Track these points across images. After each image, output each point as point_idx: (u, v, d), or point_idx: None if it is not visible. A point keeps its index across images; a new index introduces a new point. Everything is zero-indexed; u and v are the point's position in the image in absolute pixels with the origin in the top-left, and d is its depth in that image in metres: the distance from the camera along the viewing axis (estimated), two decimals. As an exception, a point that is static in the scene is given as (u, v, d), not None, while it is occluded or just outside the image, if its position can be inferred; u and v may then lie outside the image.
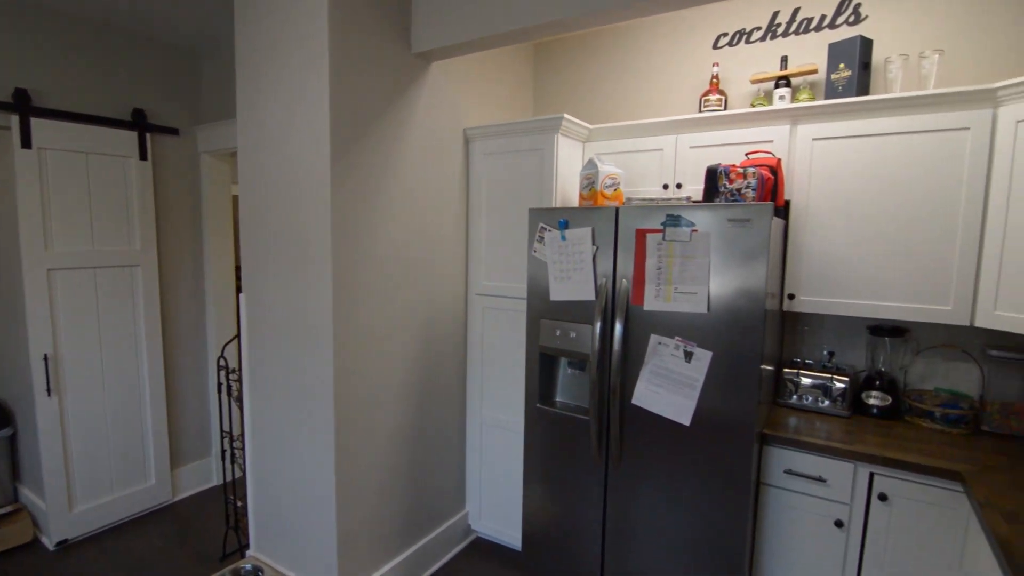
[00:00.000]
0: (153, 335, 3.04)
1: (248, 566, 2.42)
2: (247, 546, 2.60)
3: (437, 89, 2.46)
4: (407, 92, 2.29)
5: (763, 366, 1.92)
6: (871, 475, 1.88)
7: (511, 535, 2.75)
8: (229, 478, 3.45)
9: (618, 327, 2.02)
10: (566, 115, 2.35)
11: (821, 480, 1.95)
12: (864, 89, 2.17)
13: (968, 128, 1.90)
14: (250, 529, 2.52)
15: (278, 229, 2.19)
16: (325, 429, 2.13)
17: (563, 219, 2.12)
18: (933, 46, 2.16)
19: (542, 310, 2.24)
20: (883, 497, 1.86)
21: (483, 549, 2.83)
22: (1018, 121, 1.80)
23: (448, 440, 2.72)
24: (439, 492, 2.69)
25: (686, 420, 1.94)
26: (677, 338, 1.94)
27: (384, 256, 2.25)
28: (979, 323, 1.92)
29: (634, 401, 2.04)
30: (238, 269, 2.99)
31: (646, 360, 2.00)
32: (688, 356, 1.92)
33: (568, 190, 2.53)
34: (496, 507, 2.78)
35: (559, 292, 2.17)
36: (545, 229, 2.17)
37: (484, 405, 2.75)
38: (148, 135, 2.96)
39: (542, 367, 2.29)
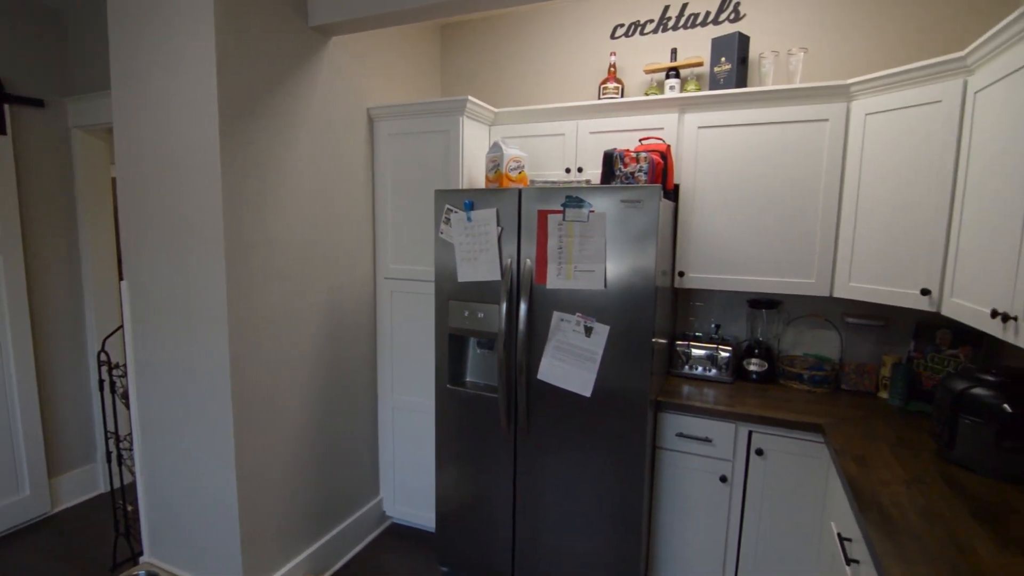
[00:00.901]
0: (21, 331, 2.74)
1: (142, 573, 2.27)
2: (141, 553, 2.44)
3: (338, 66, 2.38)
4: (305, 67, 2.21)
5: (656, 339, 2.07)
6: (750, 433, 2.08)
7: (426, 517, 2.77)
8: (117, 483, 3.19)
9: (523, 306, 2.08)
10: (471, 97, 2.36)
11: (708, 440, 2.13)
12: (742, 82, 2.36)
13: (827, 120, 2.13)
14: (143, 534, 2.36)
15: (162, 210, 2.05)
16: (223, 422, 2.03)
17: (468, 201, 2.14)
18: (799, 44, 2.39)
19: (450, 292, 2.26)
20: (760, 452, 2.07)
21: (398, 534, 2.84)
22: (867, 114, 2.04)
23: (359, 427, 2.69)
24: (351, 480, 2.65)
25: (587, 392, 2.05)
26: (578, 314, 2.03)
27: (284, 239, 2.17)
28: (837, 294, 2.17)
29: (539, 376, 2.12)
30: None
31: (550, 336, 2.08)
32: (588, 331, 2.02)
33: (474, 172, 2.55)
34: (411, 491, 2.79)
35: (466, 273, 2.20)
36: (451, 211, 2.19)
37: (396, 389, 2.73)
38: (6, 106, 2.64)
39: (452, 348, 2.32)
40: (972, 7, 2.15)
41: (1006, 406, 1.53)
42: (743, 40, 2.33)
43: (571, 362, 2.06)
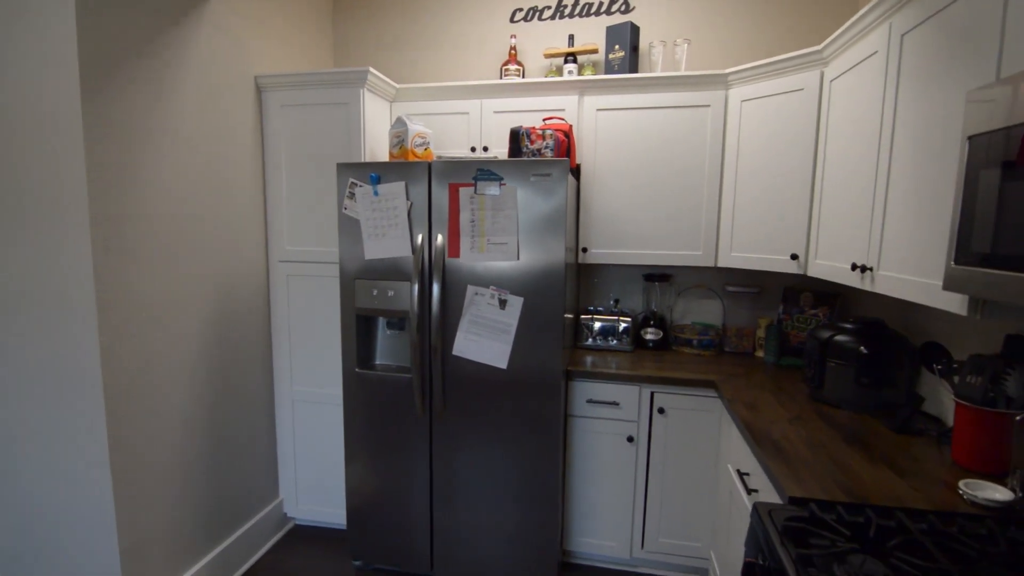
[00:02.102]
0: None
1: (-16, 614, 1.90)
2: (-20, 592, 2.04)
3: (222, 27, 2.17)
4: (183, 25, 1.98)
5: (566, 313, 2.14)
6: (652, 394, 2.23)
7: (335, 514, 2.62)
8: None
9: (436, 281, 2.05)
10: (372, 69, 2.27)
11: (615, 404, 2.25)
12: (634, 68, 2.52)
13: (709, 106, 2.34)
14: (-17, 568, 1.97)
15: (5, 178, 1.73)
16: (95, 423, 1.76)
17: (375, 174, 2.06)
18: (684, 36, 2.60)
19: (357, 270, 2.16)
20: (662, 411, 2.22)
21: (303, 536, 2.65)
22: (743, 101, 2.27)
23: (254, 424, 2.47)
24: (247, 482, 2.44)
25: (503, 363, 2.06)
26: (492, 287, 2.04)
27: (162, 213, 1.93)
28: (721, 263, 2.39)
29: (455, 352, 2.10)
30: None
31: (464, 311, 2.07)
32: (502, 303, 2.04)
33: (376, 149, 2.46)
34: (316, 489, 2.62)
35: (374, 250, 2.11)
36: (356, 185, 2.09)
37: (295, 380, 2.55)
38: None
39: (359, 330, 2.22)
40: (838, 1, 2.48)
41: (863, 348, 1.80)
42: (634, 30, 2.48)
43: (487, 335, 2.06)
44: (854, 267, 1.63)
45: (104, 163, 1.71)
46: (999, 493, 1.23)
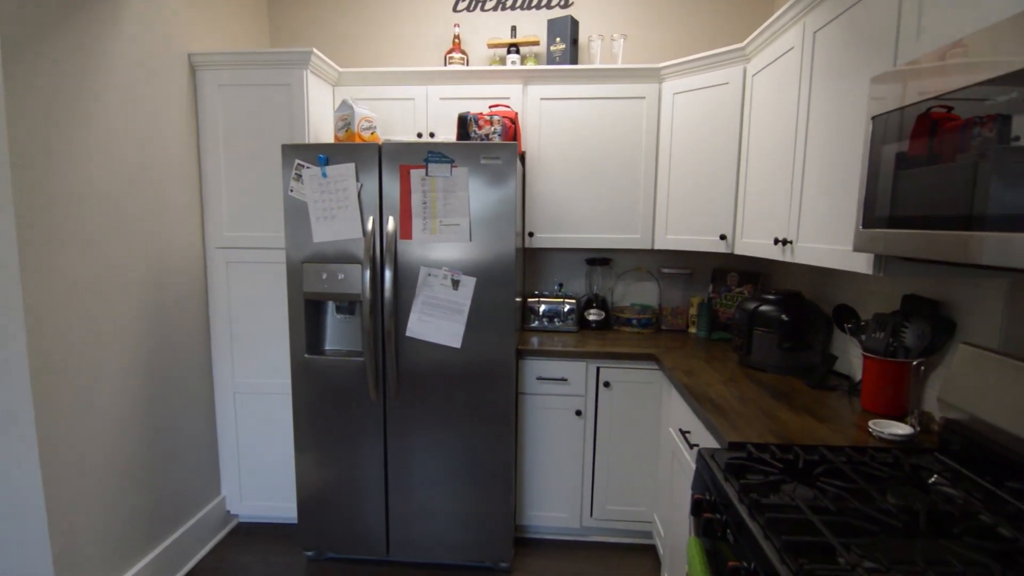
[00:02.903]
0: None
1: None
2: None
3: (153, 3, 2.06)
4: (109, -4, 1.88)
5: (516, 293, 2.21)
6: (598, 369, 2.35)
7: (283, 508, 2.56)
8: None
9: (388, 263, 2.06)
10: (315, 51, 2.24)
11: (564, 380, 2.35)
12: (575, 60, 2.63)
13: (644, 98, 2.49)
14: None
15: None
16: (23, 420, 1.64)
17: (323, 155, 2.04)
18: (620, 31, 2.75)
19: (304, 254, 2.13)
20: (607, 384, 2.35)
21: (249, 532, 2.57)
22: (675, 93, 2.43)
23: (193, 418, 2.37)
24: (187, 480, 2.33)
25: (457, 343, 2.11)
26: (445, 268, 2.08)
27: (87, 194, 1.82)
28: (658, 246, 2.56)
29: (408, 333, 2.12)
30: None
31: (417, 292, 2.10)
32: (455, 284, 2.09)
33: (320, 133, 2.43)
34: (261, 484, 2.54)
35: (323, 232, 2.09)
36: (303, 166, 2.06)
37: (238, 372, 2.47)
38: None
39: (308, 315, 2.18)
40: (763, 1, 2.70)
41: (784, 316, 1.99)
42: (574, 23, 2.60)
43: (440, 315, 2.10)
44: (776, 241, 1.81)
45: (26, 139, 1.60)
46: (901, 429, 1.42)
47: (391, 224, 2.06)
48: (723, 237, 2.29)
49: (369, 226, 2.05)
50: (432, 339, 2.11)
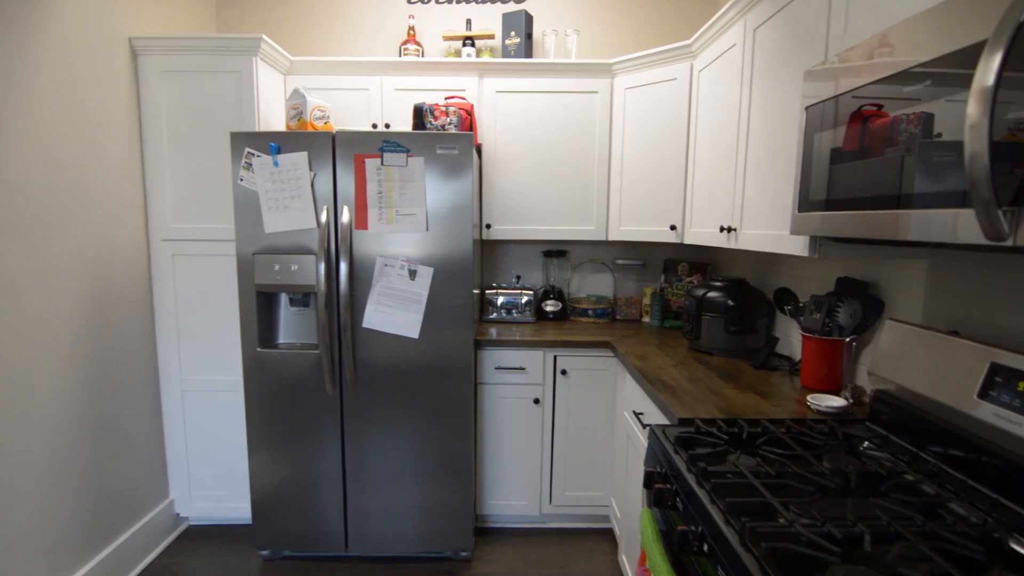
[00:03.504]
0: None
1: None
2: None
3: (86, -19, 1.97)
4: (41, -28, 1.78)
5: (474, 284, 2.22)
6: (555, 357, 2.39)
7: (237, 508, 2.48)
8: None
9: (344, 254, 2.03)
10: (265, 37, 2.19)
11: (522, 369, 2.38)
12: (529, 55, 2.66)
13: (597, 92, 2.55)
14: None
15: None
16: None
17: (274, 143, 2.00)
18: (574, 26, 2.80)
19: (256, 246, 2.08)
20: (564, 372, 2.39)
21: (201, 535, 2.48)
22: (626, 88, 2.50)
23: (137, 418, 2.27)
24: (132, 482, 2.23)
25: (415, 333, 2.10)
26: (402, 258, 2.08)
27: (19, 181, 1.73)
28: (612, 237, 2.62)
29: (365, 324, 2.10)
30: None
31: (373, 282, 2.08)
32: (412, 274, 2.08)
33: (271, 122, 2.37)
34: (213, 484, 2.46)
35: (275, 223, 2.05)
36: (253, 155, 2.01)
37: (185, 369, 2.38)
38: None
39: (260, 308, 2.13)
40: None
41: (730, 301, 2.08)
42: (529, 18, 2.63)
43: (397, 306, 2.09)
44: (722, 229, 1.89)
45: (-49, 118, 1.50)
46: (836, 401, 1.52)
47: (346, 214, 2.03)
48: (673, 228, 2.37)
49: (323, 216, 2.03)
50: (389, 330, 2.10)
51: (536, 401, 2.40)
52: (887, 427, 1.36)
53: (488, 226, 2.61)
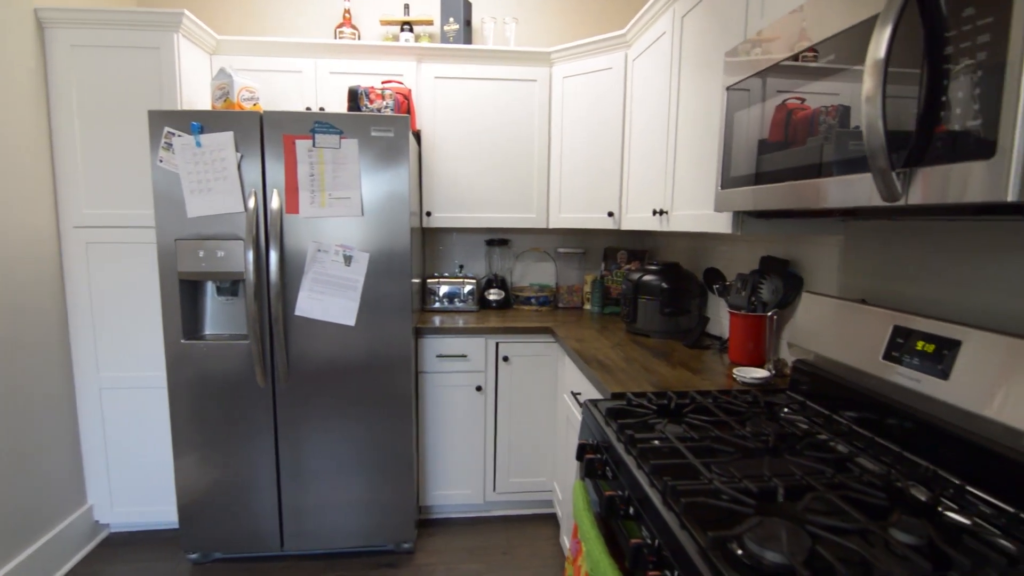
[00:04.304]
0: None
1: None
2: None
3: (-20, -57, 1.82)
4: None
5: (412, 277, 2.19)
6: (497, 344, 2.39)
7: (163, 512, 2.33)
8: None
9: (274, 239, 1.96)
10: (188, 12, 2.08)
11: (464, 356, 2.37)
12: (468, 41, 2.65)
13: (535, 80, 2.56)
14: None
15: None
16: None
17: (196, 123, 1.90)
18: (512, 14, 2.81)
19: (178, 231, 1.97)
20: (506, 359, 2.39)
21: (124, 542, 2.33)
22: (565, 77, 2.53)
23: (48, 420, 2.11)
24: (43, 488, 2.07)
25: (351, 320, 2.05)
26: (336, 243, 2.02)
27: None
28: (552, 224, 2.64)
29: (297, 312, 2.03)
30: None
31: (306, 269, 2.01)
32: (348, 260, 2.03)
33: (195, 104, 2.26)
34: (136, 488, 2.31)
35: (198, 206, 1.95)
36: (174, 134, 1.90)
37: (103, 365, 2.23)
38: None
39: (184, 297, 2.02)
40: None
41: (664, 284, 2.14)
42: (468, 5, 2.62)
43: (332, 292, 2.03)
44: (655, 212, 1.94)
45: None
46: (759, 373, 1.58)
47: (276, 198, 1.96)
48: (611, 214, 2.41)
49: (251, 201, 1.94)
50: (324, 317, 2.04)
51: (479, 388, 2.38)
52: (805, 394, 1.43)
53: (429, 214, 2.58)
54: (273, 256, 1.95)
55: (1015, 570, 0.77)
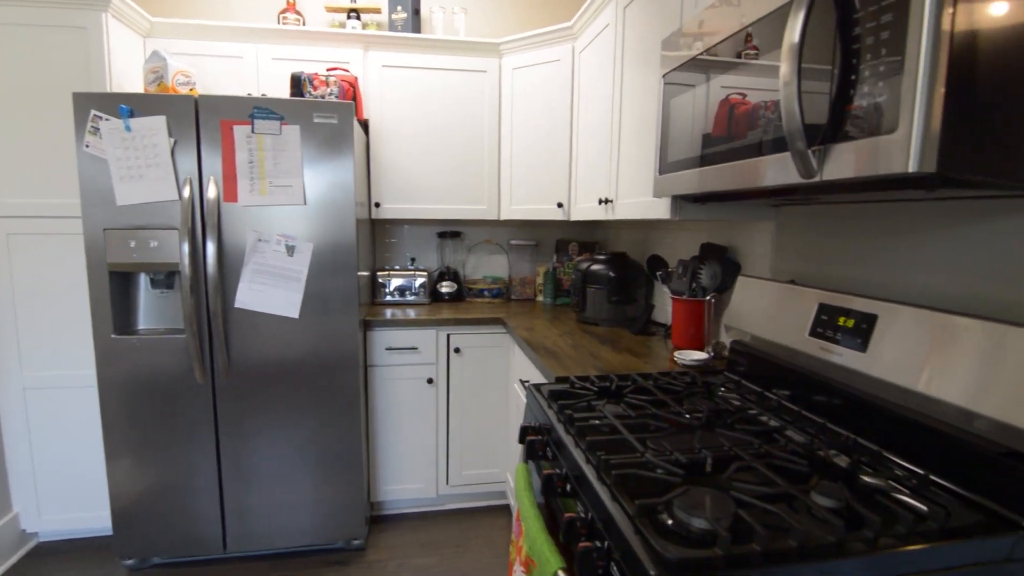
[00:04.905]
0: None
1: None
2: None
3: None
4: None
5: (360, 269, 2.15)
6: (448, 336, 2.37)
7: (97, 518, 2.21)
8: None
9: (211, 229, 1.88)
10: (116, -9, 1.98)
11: (414, 349, 2.34)
12: (417, 31, 2.62)
13: (485, 71, 2.56)
14: None
15: None
16: None
17: (126, 106, 1.81)
18: (461, 5, 2.79)
19: (107, 220, 1.87)
20: (458, 350, 2.38)
21: (53, 551, 2.20)
22: (514, 69, 2.53)
23: (-34, 420, 1.97)
24: (-42, 493, 1.94)
25: (294, 313, 2.00)
26: (277, 233, 1.96)
27: None
28: (503, 216, 2.64)
29: (238, 304, 1.96)
30: None
31: (246, 260, 1.95)
32: (290, 250, 1.97)
33: (126, 88, 2.15)
34: (66, 494, 2.19)
35: (129, 194, 1.86)
36: (101, 118, 1.81)
37: (27, 365, 2.10)
38: None
39: (115, 290, 1.93)
40: None
41: (612, 273, 2.17)
42: (415, -7, 2.59)
43: (274, 284, 1.97)
44: (600, 201, 1.97)
45: None
46: (699, 355, 1.62)
47: (213, 186, 1.89)
48: (560, 205, 2.43)
49: (187, 188, 1.86)
50: (265, 309, 1.97)
51: (430, 381, 2.36)
52: (741, 374, 1.48)
53: (378, 204, 2.54)
54: (211, 247, 1.88)
55: (924, 525, 0.81)
